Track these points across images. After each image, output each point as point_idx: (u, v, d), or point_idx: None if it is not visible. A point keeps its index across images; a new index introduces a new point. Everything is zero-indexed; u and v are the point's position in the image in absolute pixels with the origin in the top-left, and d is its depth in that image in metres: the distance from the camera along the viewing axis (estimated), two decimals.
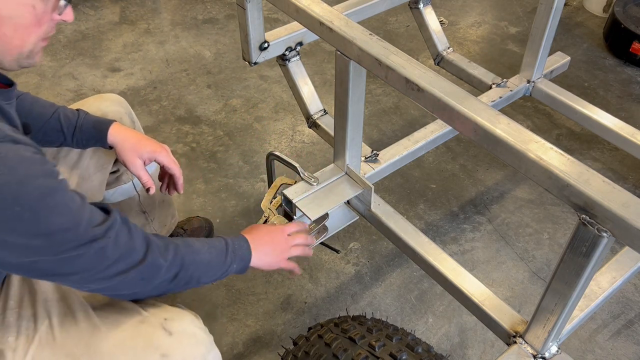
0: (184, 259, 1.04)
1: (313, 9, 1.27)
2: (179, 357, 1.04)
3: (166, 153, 1.35)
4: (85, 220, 0.88)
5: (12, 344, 1.03)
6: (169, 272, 1.02)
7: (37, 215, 0.82)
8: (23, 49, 0.91)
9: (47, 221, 0.83)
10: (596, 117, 1.94)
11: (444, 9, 3.27)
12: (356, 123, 1.41)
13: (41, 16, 0.89)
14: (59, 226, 0.85)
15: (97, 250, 0.89)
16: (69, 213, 0.86)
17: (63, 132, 1.28)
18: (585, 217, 0.91)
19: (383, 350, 1.12)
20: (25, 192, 0.80)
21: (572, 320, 1.30)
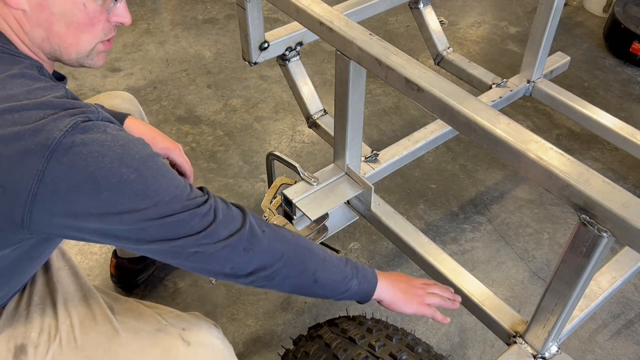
0: (286, 237, 1.02)
1: (313, 9, 1.27)
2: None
3: (179, 152, 1.37)
4: (187, 188, 0.91)
5: (35, 340, 1.04)
6: (271, 245, 0.98)
7: (143, 176, 0.84)
8: (80, 48, 0.94)
9: (154, 182, 0.86)
10: (596, 117, 1.94)
11: (444, 9, 3.27)
12: (356, 123, 1.41)
13: (93, 15, 0.91)
14: (164, 188, 0.87)
15: (201, 215, 0.90)
16: (172, 178, 0.89)
17: None
18: (585, 217, 0.91)
19: (383, 350, 1.12)
20: (130, 155, 0.84)
21: (572, 320, 1.30)
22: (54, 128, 0.80)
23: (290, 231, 1.05)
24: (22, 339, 1.03)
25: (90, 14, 0.91)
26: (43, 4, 0.86)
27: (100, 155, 0.81)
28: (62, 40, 0.92)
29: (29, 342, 1.03)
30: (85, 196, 0.82)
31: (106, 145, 0.82)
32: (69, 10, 0.88)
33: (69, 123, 0.80)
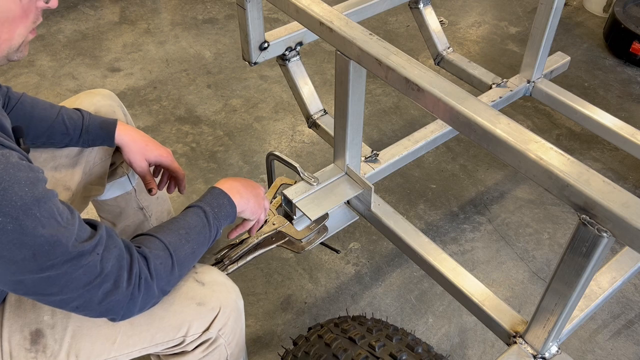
0: (165, 267, 1.01)
1: (313, 9, 1.27)
2: (214, 303, 1.11)
3: (171, 158, 1.39)
4: (74, 235, 0.84)
5: (49, 322, 1.05)
6: (151, 287, 0.99)
7: (22, 225, 0.78)
8: (12, 42, 0.89)
9: (33, 232, 0.79)
10: (596, 117, 1.94)
11: (444, 9, 3.27)
12: (356, 123, 1.41)
13: (27, 6, 0.87)
14: (46, 239, 0.80)
15: (85, 267, 0.86)
16: (56, 225, 0.82)
17: (69, 134, 1.29)
18: (585, 217, 0.91)
19: (383, 350, 1.12)
20: (10, 202, 0.76)
21: (572, 320, 1.30)
22: None
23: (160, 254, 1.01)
24: (35, 325, 1.04)
25: (25, 5, 0.86)
26: None
27: None
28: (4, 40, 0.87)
29: (43, 326, 1.04)
30: None
31: None
32: (4, 6, 0.83)
33: None
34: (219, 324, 1.13)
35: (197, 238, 1.08)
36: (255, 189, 1.27)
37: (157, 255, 1.00)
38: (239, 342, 1.24)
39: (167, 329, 1.10)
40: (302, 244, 1.52)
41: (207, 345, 1.15)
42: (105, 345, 1.07)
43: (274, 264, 1.97)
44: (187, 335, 1.11)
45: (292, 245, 1.52)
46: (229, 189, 1.18)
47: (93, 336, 1.07)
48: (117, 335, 1.08)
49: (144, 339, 1.09)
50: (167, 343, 1.12)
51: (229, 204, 1.16)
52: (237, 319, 1.18)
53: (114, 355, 1.09)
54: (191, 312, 1.10)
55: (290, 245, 1.52)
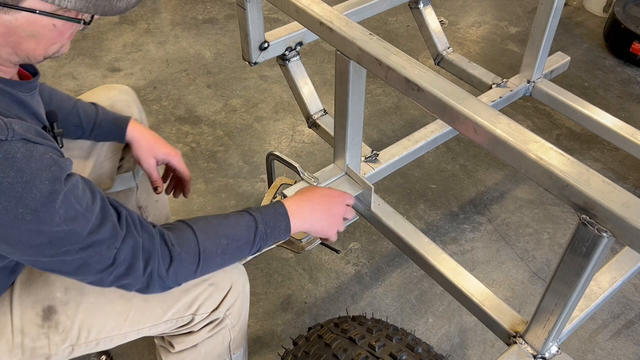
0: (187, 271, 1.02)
1: (313, 9, 1.27)
2: (225, 284, 1.14)
3: (179, 158, 1.40)
4: (90, 225, 0.88)
5: (62, 298, 1.07)
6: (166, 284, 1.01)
7: (40, 217, 0.82)
8: (48, 52, 0.92)
9: (50, 223, 0.83)
10: (596, 117, 1.94)
11: (444, 9, 3.27)
12: (356, 123, 1.41)
13: (62, 29, 0.89)
14: (62, 229, 0.85)
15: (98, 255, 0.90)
16: (73, 216, 0.85)
17: (82, 127, 1.31)
18: (585, 217, 0.91)
19: (383, 350, 1.12)
20: (31, 194, 0.80)
21: (572, 320, 1.30)
22: None
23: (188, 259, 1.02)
24: (48, 301, 1.07)
25: (60, 28, 0.88)
26: (11, 30, 0.83)
27: None
28: (30, 52, 0.89)
29: (56, 302, 1.07)
30: None
31: (6, 182, 0.79)
32: (37, 31, 0.85)
33: None
34: (227, 303, 1.16)
35: (233, 253, 1.08)
36: (332, 208, 1.23)
37: (183, 260, 1.00)
38: (242, 328, 1.26)
39: (179, 307, 1.12)
40: (302, 244, 1.52)
41: (214, 325, 1.17)
42: (118, 321, 1.10)
43: (274, 264, 1.97)
44: (196, 314, 1.14)
45: (292, 245, 1.52)
46: (296, 210, 1.16)
47: (106, 312, 1.09)
48: (130, 311, 1.10)
49: (156, 316, 1.12)
50: (176, 321, 1.14)
51: (284, 230, 1.14)
52: (244, 301, 1.21)
53: (125, 332, 1.12)
54: (203, 291, 1.13)
55: (290, 245, 1.52)
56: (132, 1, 0.87)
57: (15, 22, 0.82)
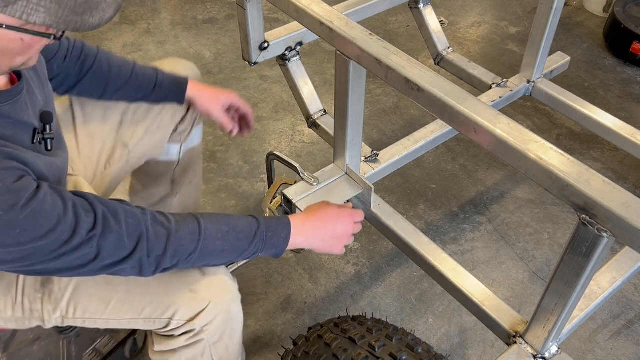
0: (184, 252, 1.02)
1: (313, 9, 1.27)
2: (206, 295, 1.11)
3: (238, 97, 1.50)
4: (62, 236, 0.88)
5: None
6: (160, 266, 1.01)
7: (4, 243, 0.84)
8: (14, 64, 0.89)
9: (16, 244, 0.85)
10: (596, 117, 1.94)
11: (444, 9, 3.27)
12: (356, 123, 1.41)
13: (30, 43, 0.85)
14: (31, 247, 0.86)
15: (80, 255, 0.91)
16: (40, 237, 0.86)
17: (142, 89, 1.36)
18: (585, 217, 0.91)
19: (383, 350, 1.12)
20: None
21: (572, 320, 1.30)
22: None
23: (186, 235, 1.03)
24: None
25: (28, 42, 0.85)
26: None
27: None
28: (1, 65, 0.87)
29: None
30: None
31: None
32: (4, 45, 0.83)
33: None
34: (205, 319, 1.13)
35: (233, 242, 1.07)
36: (338, 228, 1.22)
37: (181, 237, 1.01)
38: (230, 348, 1.22)
39: (156, 306, 1.12)
40: None
41: (190, 336, 1.15)
42: (100, 306, 1.12)
43: (274, 264, 1.97)
44: (172, 319, 1.13)
45: None
46: (300, 226, 1.16)
47: (91, 294, 1.12)
48: (112, 299, 1.12)
49: (134, 310, 1.13)
50: (154, 322, 1.14)
51: (284, 239, 1.13)
52: (227, 322, 1.17)
53: (106, 319, 1.14)
54: (182, 296, 1.12)
55: None
56: (106, 17, 0.84)
57: None
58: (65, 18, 0.79)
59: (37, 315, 1.14)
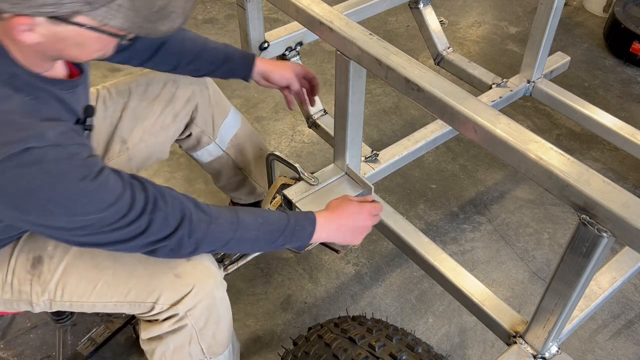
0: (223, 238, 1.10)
1: (313, 9, 1.27)
2: (190, 280, 1.14)
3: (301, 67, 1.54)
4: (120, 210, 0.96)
5: (50, 252, 1.16)
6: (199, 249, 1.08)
7: (69, 210, 0.91)
8: (91, 57, 0.97)
9: (82, 214, 0.93)
10: (596, 117, 1.94)
11: (444, 9, 3.27)
12: (356, 123, 1.41)
13: (106, 41, 0.94)
14: (92, 219, 0.94)
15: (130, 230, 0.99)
16: (102, 209, 0.94)
17: (213, 63, 1.41)
18: (585, 217, 0.91)
19: (383, 350, 1.12)
20: (58, 194, 0.89)
21: (572, 320, 1.30)
22: None
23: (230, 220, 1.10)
24: (39, 252, 1.16)
25: (104, 41, 0.93)
26: (59, 39, 0.89)
27: (27, 192, 0.88)
28: (74, 57, 0.96)
29: (45, 254, 1.16)
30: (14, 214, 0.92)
31: (35, 183, 0.87)
32: (84, 41, 0.91)
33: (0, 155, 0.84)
34: (188, 303, 1.15)
35: (265, 233, 1.15)
36: (359, 223, 1.29)
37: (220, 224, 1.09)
38: (218, 335, 1.24)
39: (141, 289, 1.15)
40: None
41: (175, 321, 1.17)
42: (87, 288, 1.16)
43: (274, 264, 1.97)
44: (156, 303, 1.15)
45: None
46: (325, 223, 1.23)
47: (80, 276, 1.15)
48: (98, 281, 1.15)
49: (120, 293, 1.15)
50: (138, 305, 1.17)
51: (309, 233, 1.21)
52: (211, 308, 1.19)
53: (92, 302, 1.17)
54: (166, 280, 1.14)
55: None
56: (174, 26, 0.92)
57: (64, 33, 0.87)
58: (140, 24, 0.89)
59: (26, 298, 1.17)
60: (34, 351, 1.59)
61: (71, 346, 1.61)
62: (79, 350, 1.60)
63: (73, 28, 0.87)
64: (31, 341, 1.62)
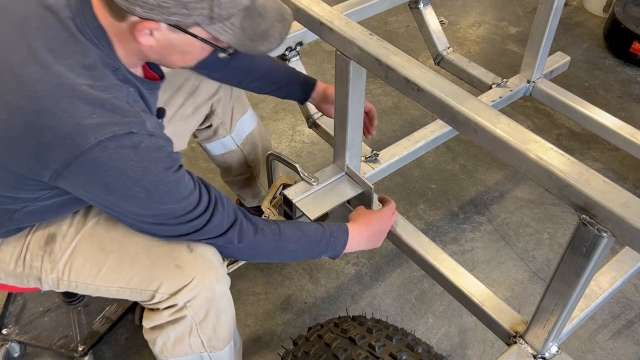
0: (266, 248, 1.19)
1: (313, 9, 1.27)
2: (190, 272, 1.16)
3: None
4: (189, 205, 1.06)
5: (64, 231, 1.20)
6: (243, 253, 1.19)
7: (151, 195, 1.00)
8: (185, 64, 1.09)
9: (158, 202, 1.02)
10: (596, 117, 1.94)
11: (444, 9, 3.27)
12: (356, 123, 1.41)
13: (207, 52, 1.04)
14: (166, 208, 1.04)
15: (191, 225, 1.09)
16: (178, 199, 1.04)
17: (276, 84, 1.50)
18: (585, 217, 0.91)
19: (383, 350, 1.12)
20: (147, 177, 0.98)
21: (572, 320, 1.30)
22: (92, 133, 0.92)
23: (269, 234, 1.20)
24: (55, 229, 1.20)
25: (206, 51, 1.04)
26: (170, 45, 0.99)
27: (120, 171, 0.96)
28: (173, 63, 1.07)
29: (58, 232, 1.20)
30: (97, 191, 1.00)
31: (129, 165, 0.96)
32: (190, 49, 1.02)
33: (107, 134, 0.92)
34: (188, 295, 1.16)
35: (304, 245, 1.25)
36: (384, 232, 1.43)
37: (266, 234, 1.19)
38: (218, 330, 1.25)
39: (143, 277, 1.17)
40: None
41: (174, 311, 1.19)
42: (92, 271, 1.18)
43: (274, 264, 1.97)
44: (157, 292, 1.17)
45: None
46: (357, 234, 1.34)
47: (87, 258, 1.19)
48: (103, 265, 1.18)
49: (122, 279, 1.18)
50: (140, 293, 1.19)
51: (342, 244, 1.31)
52: (211, 301, 1.20)
53: (97, 285, 1.20)
54: (168, 270, 1.16)
55: None
56: (271, 47, 1.03)
57: (176, 40, 0.98)
58: (243, 42, 1.00)
59: (36, 274, 1.20)
60: (50, 333, 1.63)
61: (87, 325, 1.64)
62: (95, 329, 1.64)
63: (186, 37, 0.97)
64: (46, 324, 1.65)
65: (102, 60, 0.98)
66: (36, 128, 0.93)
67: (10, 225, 1.16)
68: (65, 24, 0.97)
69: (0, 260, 1.21)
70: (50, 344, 1.60)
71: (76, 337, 1.62)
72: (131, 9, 0.91)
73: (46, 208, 1.13)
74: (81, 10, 0.98)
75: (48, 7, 0.98)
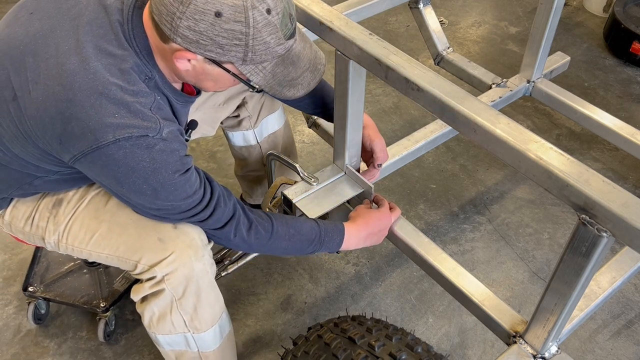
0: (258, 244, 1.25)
1: (313, 9, 1.28)
2: (170, 246, 1.21)
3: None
4: (193, 202, 1.14)
5: (70, 197, 1.28)
6: (235, 246, 1.25)
7: (157, 193, 1.09)
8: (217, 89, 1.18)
9: (164, 199, 1.11)
10: (596, 117, 1.94)
11: (444, 9, 3.27)
12: (356, 123, 1.41)
13: (239, 83, 1.10)
14: (170, 205, 1.12)
15: (192, 219, 1.18)
16: (181, 199, 1.12)
17: (317, 107, 1.52)
18: (585, 217, 0.91)
19: (383, 350, 1.12)
20: (156, 178, 1.06)
21: (572, 320, 1.30)
22: (111, 131, 1.01)
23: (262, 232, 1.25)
24: (63, 194, 1.29)
25: (237, 84, 1.11)
26: (205, 73, 1.07)
27: (132, 169, 1.04)
28: (205, 87, 1.15)
29: (65, 198, 1.28)
30: (109, 181, 1.09)
31: (141, 164, 1.04)
32: (222, 78, 1.09)
33: (124, 134, 1.01)
34: (165, 268, 1.21)
35: (296, 243, 1.30)
36: (382, 232, 1.45)
37: (259, 230, 1.24)
38: (199, 310, 1.28)
39: (129, 247, 1.23)
40: None
41: (153, 283, 1.24)
42: (86, 236, 1.26)
43: (274, 264, 1.97)
44: (139, 262, 1.23)
45: None
46: (354, 234, 1.37)
47: (83, 224, 1.26)
48: (96, 232, 1.25)
49: (111, 247, 1.25)
50: (125, 262, 1.25)
51: (337, 243, 1.35)
52: (189, 278, 1.23)
53: (89, 250, 1.27)
54: (150, 242, 1.22)
55: None
56: (297, 94, 1.11)
57: (211, 71, 1.06)
58: (271, 85, 1.08)
59: (40, 233, 1.29)
60: (74, 291, 1.72)
61: (107, 284, 1.73)
62: (115, 287, 1.73)
63: (220, 70, 1.04)
64: (69, 283, 1.75)
65: (138, 68, 1.06)
66: (65, 116, 1.01)
67: (29, 189, 1.25)
68: (114, 27, 1.06)
69: (13, 216, 1.30)
70: (74, 301, 1.71)
71: (98, 294, 1.72)
72: (173, 37, 0.99)
73: (64, 181, 1.23)
74: (132, 19, 1.07)
75: (105, 6, 1.07)
